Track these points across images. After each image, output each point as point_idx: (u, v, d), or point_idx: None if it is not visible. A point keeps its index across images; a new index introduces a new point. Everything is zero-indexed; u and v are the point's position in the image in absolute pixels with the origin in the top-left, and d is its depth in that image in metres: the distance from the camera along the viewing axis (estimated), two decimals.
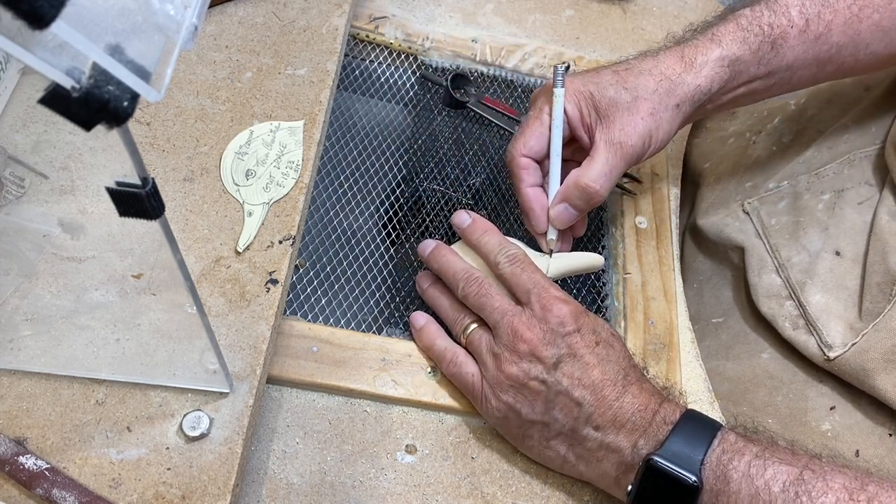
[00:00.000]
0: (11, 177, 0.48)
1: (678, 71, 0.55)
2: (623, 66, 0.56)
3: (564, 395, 0.46)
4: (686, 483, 0.42)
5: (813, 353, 0.55)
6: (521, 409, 0.48)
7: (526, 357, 0.47)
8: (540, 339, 0.47)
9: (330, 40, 0.62)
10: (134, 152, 0.26)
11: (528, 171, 0.56)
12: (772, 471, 0.41)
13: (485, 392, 0.49)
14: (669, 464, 0.42)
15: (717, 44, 0.55)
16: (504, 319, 0.49)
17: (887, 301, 0.53)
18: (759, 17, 0.56)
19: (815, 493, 0.40)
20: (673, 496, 0.43)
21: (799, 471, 0.41)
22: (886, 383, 0.51)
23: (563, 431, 0.47)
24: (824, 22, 0.56)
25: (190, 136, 0.54)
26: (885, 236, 0.55)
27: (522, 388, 0.47)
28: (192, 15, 0.26)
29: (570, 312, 0.48)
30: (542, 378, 0.47)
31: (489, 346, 0.49)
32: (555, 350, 0.47)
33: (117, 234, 0.48)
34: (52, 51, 0.22)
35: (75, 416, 0.42)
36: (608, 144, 0.54)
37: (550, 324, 0.48)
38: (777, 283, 0.59)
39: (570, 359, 0.47)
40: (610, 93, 0.54)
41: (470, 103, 0.69)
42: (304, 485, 0.47)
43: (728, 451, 0.43)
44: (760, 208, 0.64)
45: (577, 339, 0.47)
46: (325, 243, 0.59)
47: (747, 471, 0.42)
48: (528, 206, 0.56)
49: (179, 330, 0.45)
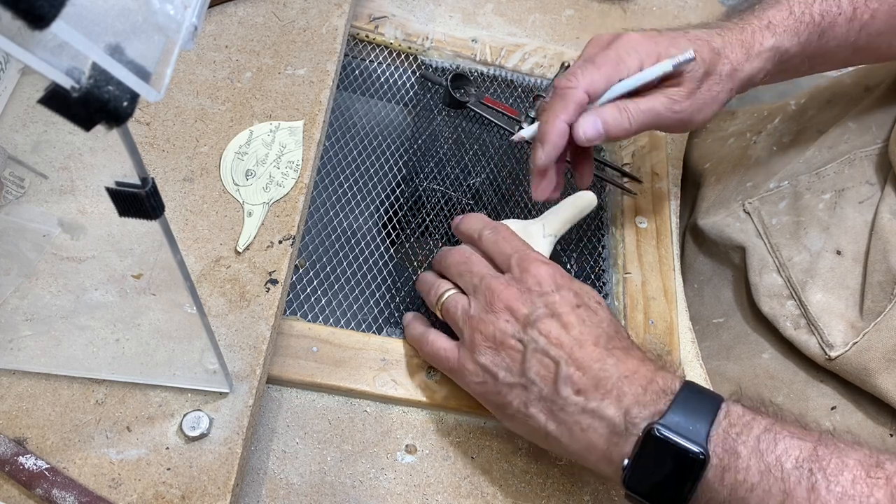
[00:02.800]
0: (11, 177, 0.48)
1: (741, 59, 0.54)
2: (696, 36, 0.54)
3: (541, 353, 0.44)
4: (692, 455, 0.39)
5: (814, 353, 0.55)
6: (498, 371, 0.45)
7: (502, 315, 0.46)
8: (517, 297, 0.46)
9: (330, 40, 0.62)
10: (134, 152, 0.26)
11: (578, 108, 0.51)
12: (783, 445, 0.38)
13: (461, 360, 0.47)
14: (673, 434, 0.39)
15: (771, 33, 0.54)
16: (483, 282, 0.48)
17: (888, 300, 0.53)
18: (811, 4, 0.55)
19: (829, 471, 0.37)
20: (676, 471, 0.39)
21: (812, 446, 0.38)
22: (888, 382, 0.51)
23: (542, 395, 0.44)
24: (870, 10, 0.55)
25: (190, 136, 0.54)
26: (887, 235, 0.55)
27: (499, 348, 0.45)
28: (192, 15, 0.26)
29: (548, 273, 0.47)
30: (519, 336, 0.45)
31: (464, 310, 0.48)
32: (531, 308, 0.45)
33: (117, 234, 0.48)
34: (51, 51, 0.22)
35: (75, 416, 0.42)
36: (666, 96, 0.52)
37: (528, 283, 0.46)
38: (778, 282, 0.59)
39: (547, 318, 0.45)
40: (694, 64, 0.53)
41: (470, 103, 0.69)
42: (304, 485, 0.47)
43: (736, 424, 0.40)
44: (761, 208, 0.64)
45: (555, 298, 0.46)
46: (325, 243, 0.59)
47: (757, 445, 0.39)
48: (551, 140, 0.51)
49: (179, 330, 0.45)
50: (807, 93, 0.72)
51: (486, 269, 0.49)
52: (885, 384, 0.51)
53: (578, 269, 0.63)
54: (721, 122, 0.77)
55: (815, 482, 0.37)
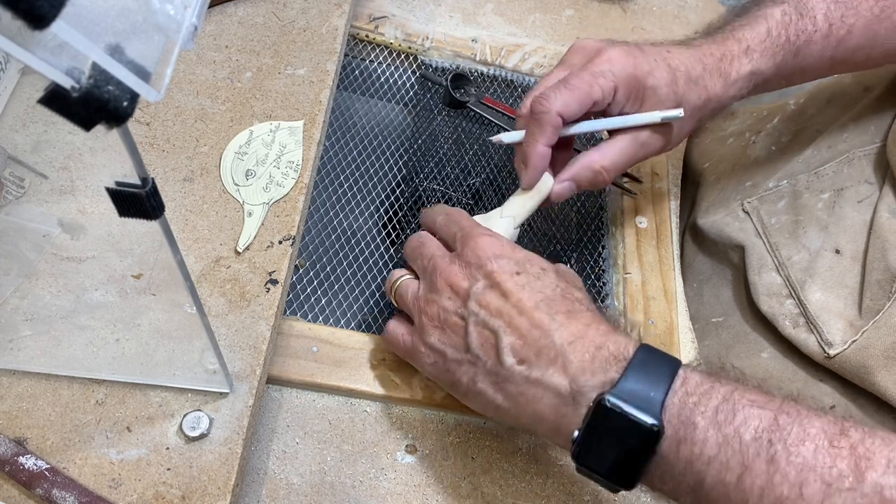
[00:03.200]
0: (11, 177, 0.48)
1: (717, 89, 0.54)
2: (677, 62, 0.54)
3: (481, 325, 0.43)
4: (645, 427, 0.37)
5: (813, 352, 0.55)
6: (446, 350, 0.45)
7: (445, 292, 0.46)
8: (457, 272, 0.46)
9: (330, 40, 0.62)
10: (134, 152, 0.26)
11: (555, 131, 0.52)
12: (742, 415, 0.36)
13: (415, 344, 0.47)
14: (625, 405, 0.37)
15: (748, 58, 0.54)
16: (430, 262, 0.48)
17: (887, 298, 0.53)
18: (788, 25, 0.55)
19: (790, 441, 0.35)
20: (629, 443, 0.37)
21: (773, 415, 0.36)
22: (887, 380, 0.51)
23: (488, 369, 0.43)
24: (846, 26, 0.55)
25: (190, 136, 0.54)
26: (885, 234, 0.55)
27: (444, 326, 0.45)
28: (192, 15, 0.26)
29: (488, 244, 0.46)
30: (460, 312, 0.44)
31: (414, 294, 0.48)
32: (471, 281, 0.45)
33: (117, 234, 0.48)
34: (51, 51, 0.22)
35: (75, 416, 0.42)
36: (634, 140, 0.53)
37: (467, 258, 0.46)
38: (777, 281, 0.59)
39: (487, 289, 0.44)
40: (661, 93, 0.53)
41: (470, 103, 0.69)
42: (304, 485, 0.47)
43: (693, 394, 0.38)
44: (760, 207, 0.64)
45: (494, 267, 0.44)
46: (325, 243, 0.59)
47: (715, 416, 0.37)
48: (533, 164, 0.53)
49: (179, 330, 0.45)
50: (806, 93, 0.72)
51: (437, 250, 0.49)
52: (884, 382, 0.51)
53: (578, 269, 0.63)
54: (720, 121, 0.77)
55: (774, 453, 0.35)
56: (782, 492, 0.34)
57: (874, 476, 0.34)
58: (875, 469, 0.34)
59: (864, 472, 0.34)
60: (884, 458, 0.34)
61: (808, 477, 0.34)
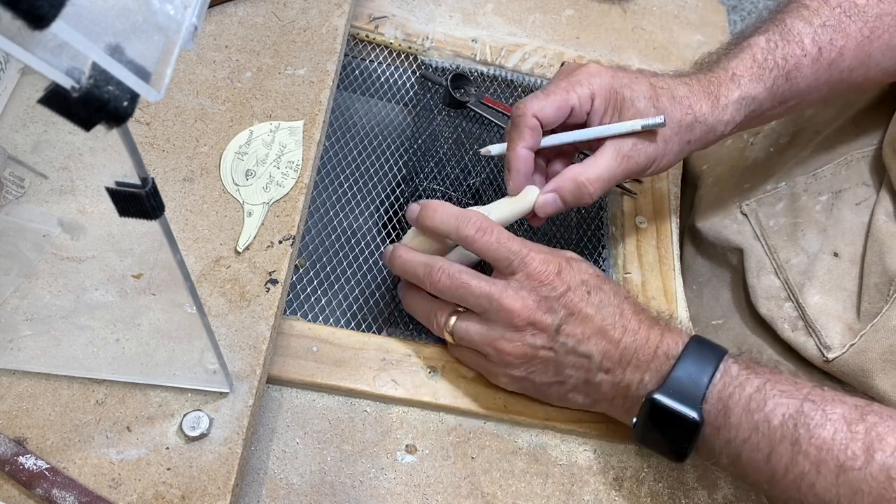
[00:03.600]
0: (11, 177, 0.48)
1: (705, 110, 0.54)
2: (660, 82, 0.55)
3: (573, 353, 0.47)
4: (688, 419, 0.44)
5: (812, 355, 0.55)
6: (535, 377, 0.49)
7: (528, 330, 0.47)
8: (535, 308, 0.47)
9: (330, 40, 0.62)
10: (134, 152, 0.26)
11: (533, 133, 0.53)
12: (772, 403, 0.42)
13: (497, 373, 0.50)
14: (671, 400, 0.44)
15: (736, 84, 0.54)
16: (492, 303, 0.47)
17: (885, 301, 0.53)
18: (774, 50, 0.55)
19: (813, 425, 0.41)
20: (676, 430, 0.44)
21: (799, 403, 0.42)
22: (885, 384, 0.51)
23: (578, 384, 0.48)
24: (836, 48, 0.55)
25: (190, 136, 0.54)
26: (883, 237, 0.55)
27: (532, 360, 0.48)
28: (192, 15, 0.26)
29: (555, 273, 0.48)
30: (549, 346, 0.47)
31: (482, 335, 0.49)
32: (553, 316, 0.47)
33: (117, 234, 0.48)
34: (51, 51, 0.22)
35: (75, 416, 0.42)
36: (617, 153, 0.53)
37: (541, 292, 0.47)
38: (776, 284, 0.59)
39: (569, 318, 0.47)
40: (640, 105, 0.53)
41: (470, 103, 0.69)
42: (304, 485, 0.47)
43: (729, 385, 0.44)
44: (758, 210, 0.64)
45: (570, 296, 0.47)
46: (325, 243, 0.59)
47: (748, 405, 0.43)
48: (515, 167, 0.53)
49: (179, 330, 0.45)
50: None
51: (487, 285, 0.48)
52: (883, 385, 0.51)
53: None
54: None
55: (798, 436, 0.41)
56: (804, 468, 0.41)
57: (882, 457, 0.39)
58: (884, 450, 0.39)
59: (874, 453, 0.39)
60: (894, 440, 0.39)
61: (825, 457, 0.40)
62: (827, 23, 0.55)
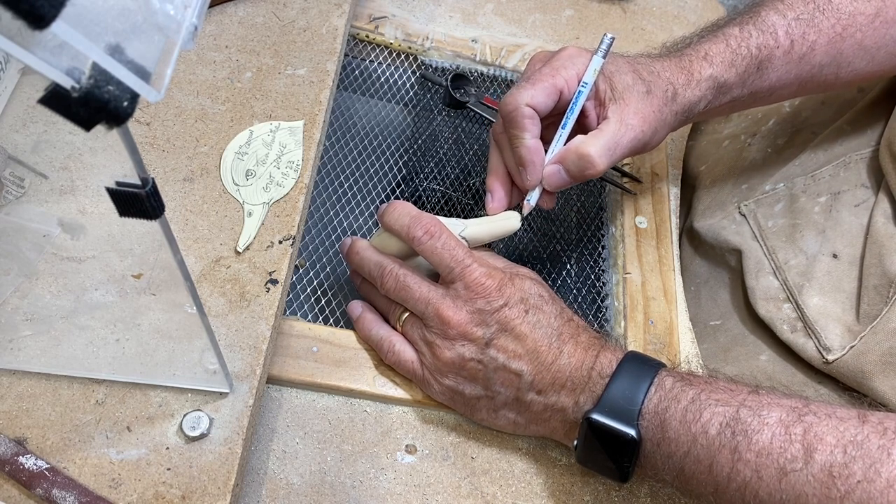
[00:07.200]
0: (11, 177, 0.48)
1: (682, 82, 0.54)
2: (635, 60, 0.55)
3: (502, 369, 0.47)
4: (624, 437, 0.43)
5: (811, 356, 0.55)
6: (464, 389, 0.48)
7: (458, 340, 0.47)
8: (468, 320, 0.47)
9: (330, 40, 0.62)
10: (134, 152, 0.26)
11: (533, 122, 0.52)
12: (708, 413, 0.41)
13: (426, 377, 0.49)
14: (607, 419, 0.43)
15: (709, 63, 0.55)
16: (429, 309, 0.48)
17: (884, 303, 0.53)
18: (748, 39, 0.55)
19: (750, 431, 0.40)
20: (615, 449, 0.43)
21: (735, 410, 0.41)
22: (884, 385, 0.51)
23: (508, 401, 0.48)
24: (808, 42, 0.56)
25: (190, 136, 0.54)
26: (881, 239, 0.55)
27: (461, 371, 0.48)
28: (192, 15, 0.26)
29: (494, 287, 0.47)
30: (478, 358, 0.47)
31: (422, 335, 0.49)
32: (485, 329, 0.47)
33: (117, 234, 0.48)
34: (52, 51, 0.22)
35: (75, 416, 0.42)
36: (621, 122, 0.52)
37: (477, 304, 0.47)
38: (775, 285, 0.59)
39: (501, 334, 0.47)
40: (627, 79, 0.53)
41: (470, 103, 0.69)
42: (304, 485, 0.47)
43: (665, 399, 0.43)
44: (757, 210, 0.64)
45: (505, 312, 0.47)
46: (325, 243, 0.59)
47: (684, 417, 0.42)
48: (529, 159, 0.52)
49: (179, 330, 0.45)
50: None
51: (427, 290, 0.49)
52: (882, 387, 0.51)
53: (578, 269, 0.63)
54: (716, 124, 0.77)
55: (736, 444, 0.40)
56: (745, 476, 0.40)
57: (822, 457, 0.38)
58: (824, 450, 0.38)
59: (814, 453, 0.38)
60: (833, 438, 0.38)
61: (765, 462, 0.39)
62: (801, 16, 0.56)
